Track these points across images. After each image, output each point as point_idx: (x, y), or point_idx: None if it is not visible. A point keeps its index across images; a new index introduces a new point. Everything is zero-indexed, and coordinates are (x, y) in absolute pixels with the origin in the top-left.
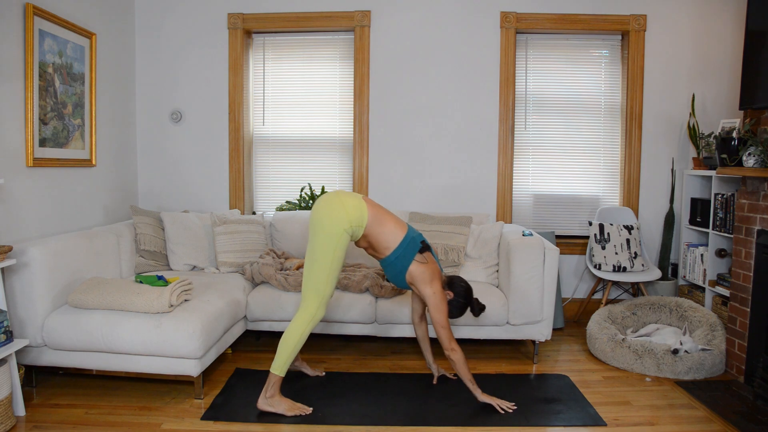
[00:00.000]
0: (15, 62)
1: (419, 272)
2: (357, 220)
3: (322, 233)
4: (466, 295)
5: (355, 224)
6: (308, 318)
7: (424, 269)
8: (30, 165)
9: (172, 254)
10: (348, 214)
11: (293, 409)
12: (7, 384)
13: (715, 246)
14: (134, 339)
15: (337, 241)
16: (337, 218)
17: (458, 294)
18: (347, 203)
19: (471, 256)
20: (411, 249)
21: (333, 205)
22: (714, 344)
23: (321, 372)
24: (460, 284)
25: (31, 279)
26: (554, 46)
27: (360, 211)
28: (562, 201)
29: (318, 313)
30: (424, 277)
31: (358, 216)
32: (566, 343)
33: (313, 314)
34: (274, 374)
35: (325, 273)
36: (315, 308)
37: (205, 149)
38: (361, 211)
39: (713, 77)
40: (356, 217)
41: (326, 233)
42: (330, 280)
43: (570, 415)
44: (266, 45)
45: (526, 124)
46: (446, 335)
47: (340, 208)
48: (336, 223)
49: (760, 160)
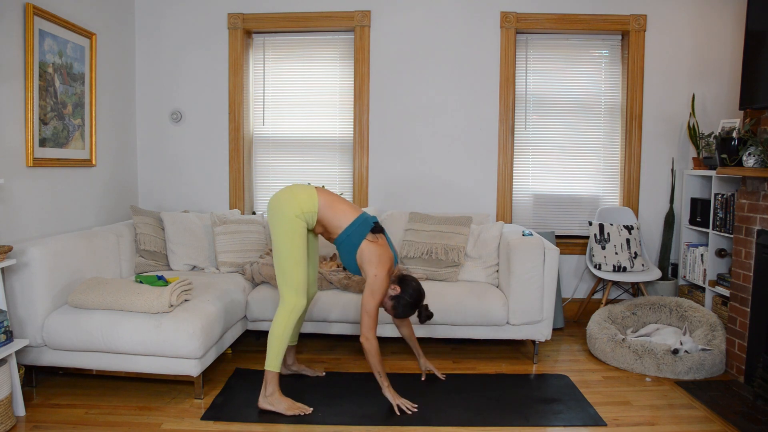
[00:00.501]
0: (15, 62)
1: (369, 251)
2: (308, 206)
3: (277, 225)
4: (415, 296)
5: (306, 209)
6: (288, 309)
7: (374, 249)
8: (30, 165)
9: (172, 254)
10: (298, 202)
11: (293, 408)
12: (7, 384)
13: (715, 246)
14: (134, 339)
15: (292, 228)
16: (288, 207)
17: (406, 292)
18: (297, 193)
19: (471, 256)
20: (363, 228)
21: (284, 197)
22: (714, 344)
23: (321, 372)
24: (411, 284)
25: (31, 279)
26: (554, 46)
27: (310, 198)
28: (562, 201)
29: (296, 302)
30: (371, 257)
31: (309, 202)
32: (566, 343)
33: (291, 305)
34: (268, 371)
35: (289, 262)
36: (291, 298)
37: (205, 149)
38: (311, 198)
39: (713, 77)
40: (307, 203)
41: (280, 223)
42: (297, 269)
43: (570, 415)
44: (266, 45)
45: (526, 124)
46: (368, 323)
47: (290, 198)
48: (287, 211)
49: (760, 160)
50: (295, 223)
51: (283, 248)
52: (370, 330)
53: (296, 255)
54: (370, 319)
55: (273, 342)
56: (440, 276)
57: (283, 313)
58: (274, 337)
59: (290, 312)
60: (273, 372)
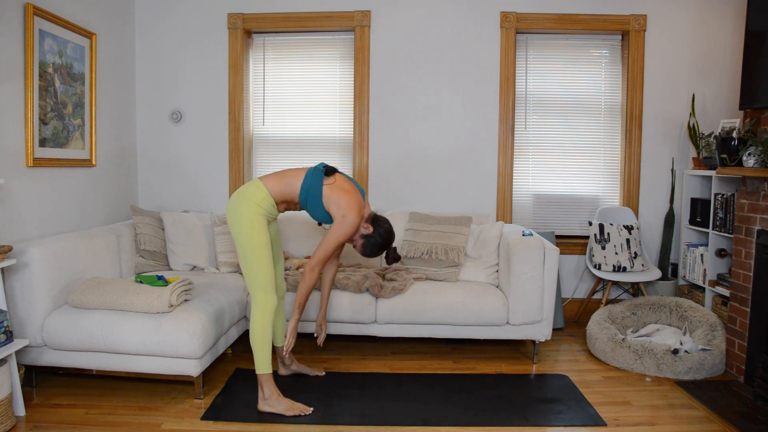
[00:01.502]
0: (15, 62)
1: (332, 196)
2: (259, 196)
3: (237, 229)
4: (385, 237)
5: (260, 200)
6: (260, 309)
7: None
8: (30, 165)
9: (172, 254)
10: (250, 198)
11: (293, 408)
12: (7, 384)
13: (715, 246)
14: (134, 339)
15: (251, 227)
16: (243, 209)
17: (377, 232)
18: (246, 192)
19: (471, 256)
20: (316, 177)
21: (235, 201)
22: (714, 344)
23: (321, 372)
24: (384, 225)
25: (31, 279)
26: (554, 46)
27: (258, 188)
28: (562, 201)
29: (267, 300)
30: (337, 200)
31: (258, 192)
32: (566, 343)
33: (263, 304)
34: (260, 375)
35: (255, 262)
36: (262, 298)
37: (205, 149)
38: (258, 188)
39: (713, 77)
40: (257, 194)
41: (239, 226)
42: (263, 267)
43: (570, 415)
44: (266, 45)
45: (526, 124)
46: (320, 256)
47: (242, 200)
48: (243, 213)
49: (760, 160)
50: (255, 221)
51: (248, 249)
52: (318, 264)
53: (260, 255)
54: (324, 254)
55: (255, 344)
56: (440, 276)
57: (256, 313)
58: (254, 339)
59: (263, 312)
60: (265, 374)
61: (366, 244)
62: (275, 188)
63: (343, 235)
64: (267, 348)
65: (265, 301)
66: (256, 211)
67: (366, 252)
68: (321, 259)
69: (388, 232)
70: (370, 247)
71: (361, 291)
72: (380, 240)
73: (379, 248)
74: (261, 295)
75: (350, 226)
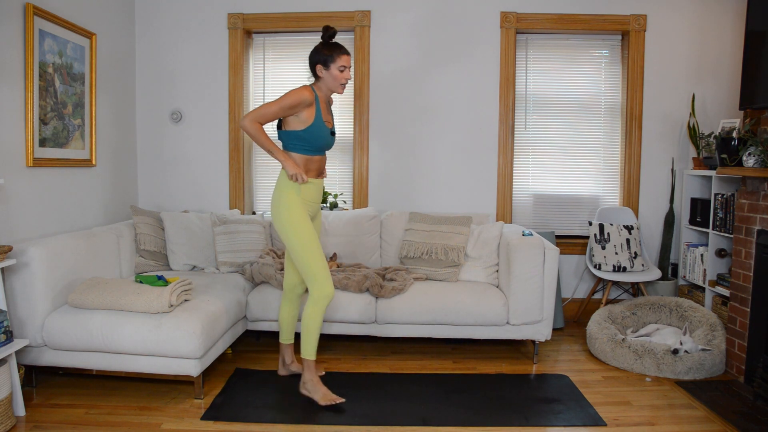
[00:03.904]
0: (15, 62)
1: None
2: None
3: (277, 224)
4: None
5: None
6: (315, 298)
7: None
8: (30, 165)
9: (172, 254)
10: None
11: (326, 398)
12: (7, 384)
13: (715, 246)
14: (134, 339)
15: (290, 219)
16: (278, 202)
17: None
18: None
19: (471, 256)
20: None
21: (272, 199)
22: (714, 344)
23: (321, 372)
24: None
25: (31, 279)
26: (554, 46)
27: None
28: (562, 201)
29: (323, 290)
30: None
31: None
32: (566, 343)
33: (318, 293)
34: (305, 359)
35: (303, 253)
36: (317, 287)
37: (205, 149)
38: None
39: (713, 77)
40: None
41: (279, 222)
42: (312, 256)
43: (570, 415)
44: (266, 45)
45: (526, 124)
46: (253, 112)
47: (275, 193)
48: (281, 207)
49: (760, 160)
50: (292, 212)
51: (294, 242)
52: (250, 114)
53: (305, 244)
54: (258, 109)
55: (306, 334)
56: (440, 276)
57: (312, 304)
58: (307, 330)
59: (318, 300)
60: (307, 360)
61: (319, 70)
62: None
63: (288, 98)
64: (316, 336)
65: (320, 290)
66: (289, 199)
67: (319, 59)
68: (254, 114)
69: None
70: (313, 53)
71: (362, 291)
72: (317, 47)
73: (317, 52)
74: (316, 285)
75: (291, 92)
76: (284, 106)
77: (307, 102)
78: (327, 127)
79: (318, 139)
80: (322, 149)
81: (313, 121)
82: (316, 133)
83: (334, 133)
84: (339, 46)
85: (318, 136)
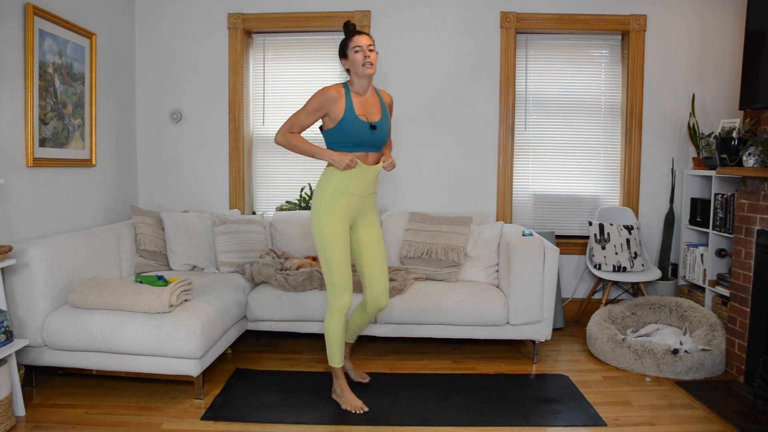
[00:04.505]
0: (15, 62)
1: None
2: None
3: (312, 225)
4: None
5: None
6: (331, 308)
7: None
8: (30, 165)
9: (172, 254)
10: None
11: (349, 404)
12: (7, 384)
13: (715, 246)
14: (134, 339)
15: (323, 225)
16: (315, 204)
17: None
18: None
19: (471, 256)
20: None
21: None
22: (714, 344)
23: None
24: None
25: (31, 279)
26: (554, 46)
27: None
28: (562, 201)
29: (338, 301)
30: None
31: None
32: (566, 343)
33: (333, 303)
34: (331, 367)
35: (326, 261)
36: (334, 297)
37: (205, 149)
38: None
39: (713, 77)
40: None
41: (313, 224)
42: (334, 265)
43: (570, 415)
44: (266, 45)
45: (526, 124)
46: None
47: (314, 193)
48: (316, 210)
49: (760, 160)
50: (328, 218)
51: (320, 247)
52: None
53: (330, 252)
54: (287, 121)
55: (327, 342)
56: (440, 276)
57: (328, 314)
58: (327, 338)
59: (332, 310)
60: (334, 368)
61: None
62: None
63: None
64: (339, 345)
65: (335, 302)
66: (323, 205)
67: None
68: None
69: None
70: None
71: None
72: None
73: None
74: (332, 296)
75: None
76: (309, 110)
77: (331, 99)
78: (362, 120)
79: (351, 134)
80: (362, 144)
81: (343, 115)
82: (348, 128)
83: (375, 126)
84: (351, 32)
85: (350, 130)
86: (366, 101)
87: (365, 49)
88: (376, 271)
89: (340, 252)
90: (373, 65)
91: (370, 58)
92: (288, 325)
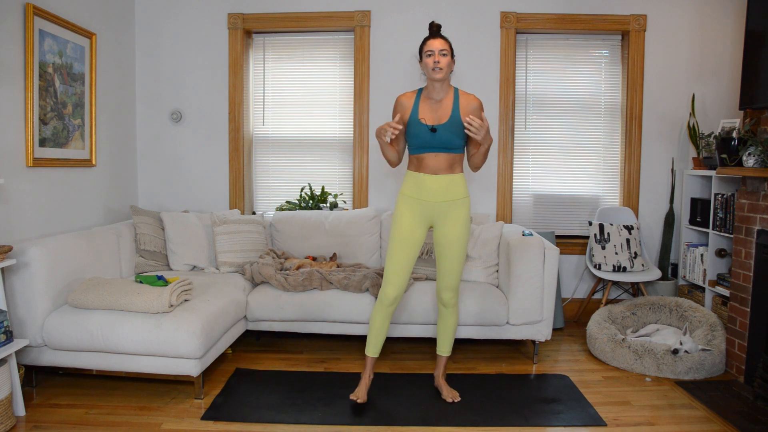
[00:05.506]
0: (15, 62)
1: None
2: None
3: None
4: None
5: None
6: (378, 298)
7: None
8: (30, 165)
9: (172, 254)
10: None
11: (354, 394)
12: (7, 384)
13: (715, 246)
14: (134, 339)
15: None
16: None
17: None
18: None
19: (471, 256)
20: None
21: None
22: (714, 344)
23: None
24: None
25: (31, 279)
26: (554, 46)
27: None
28: (562, 201)
29: (382, 291)
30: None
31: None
32: (566, 343)
33: (379, 295)
34: (367, 355)
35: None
36: (381, 289)
37: (205, 149)
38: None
39: (713, 77)
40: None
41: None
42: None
43: (570, 415)
44: (266, 45)
45: (526, 124)
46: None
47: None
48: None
49: (760, 160)
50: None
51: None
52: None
53: (390, 246)
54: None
55: (369, 330)
56: None
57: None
58: (369, 326)
59: (378, 301)
60: (368, 357)
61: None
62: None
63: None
64: (373, 332)
65: (381, 291)
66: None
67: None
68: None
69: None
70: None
71: (362, 291)
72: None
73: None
74: (381, 285)
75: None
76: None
77: (400, 104)
78: (421, 123)
79: (413, 136)
80: (423, 146)
81: (408, 119)
82: (410, 130)
83: (435, 129)
84: (429, 35)
85: (412, 133)
86: (436, 105)
87: (437, 53)
88: (441, 268)
89: (397, 246)
90: (443, 70)
91: (440, 63)
92: (288, 325)
